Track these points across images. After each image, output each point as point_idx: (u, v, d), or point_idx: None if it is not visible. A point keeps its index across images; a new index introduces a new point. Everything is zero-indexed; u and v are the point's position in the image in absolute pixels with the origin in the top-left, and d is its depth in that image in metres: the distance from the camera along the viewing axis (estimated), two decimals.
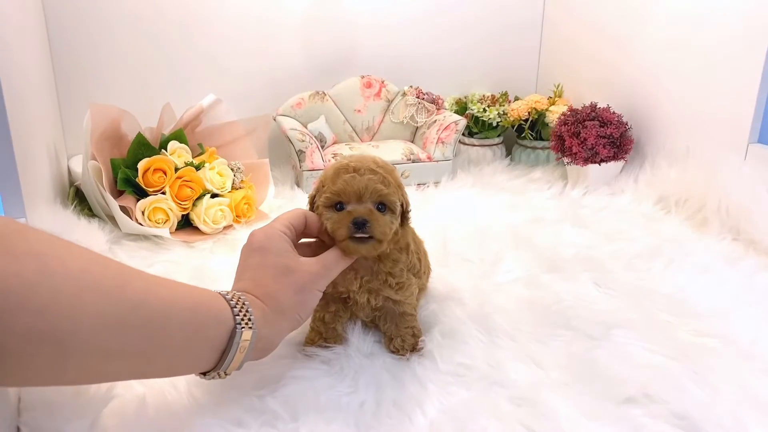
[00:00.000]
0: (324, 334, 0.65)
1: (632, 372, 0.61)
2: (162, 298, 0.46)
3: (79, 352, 0.40)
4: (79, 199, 1.05)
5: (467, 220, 1.04)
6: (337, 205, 0.58)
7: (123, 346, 0.42)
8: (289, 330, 0.56)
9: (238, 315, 0.51)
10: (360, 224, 0.56)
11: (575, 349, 0.65)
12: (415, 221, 0.70)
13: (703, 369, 0.61)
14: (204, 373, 0.51)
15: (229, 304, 0.51)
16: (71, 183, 1.11)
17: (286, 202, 1.16)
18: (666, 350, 0.64)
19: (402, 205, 0.60)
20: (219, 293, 0.52)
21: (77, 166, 1.11)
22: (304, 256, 0.58)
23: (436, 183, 1.27)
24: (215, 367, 0.51)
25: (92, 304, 0.40)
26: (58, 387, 0.53)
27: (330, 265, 0.58)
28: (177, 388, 0.57)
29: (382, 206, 0.58)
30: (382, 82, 1.38)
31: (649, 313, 0.74)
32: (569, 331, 0.69)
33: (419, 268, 0.67)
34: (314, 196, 0.62)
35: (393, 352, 0.65)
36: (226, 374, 0.52)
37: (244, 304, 0.52)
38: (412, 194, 1.17)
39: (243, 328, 0.50)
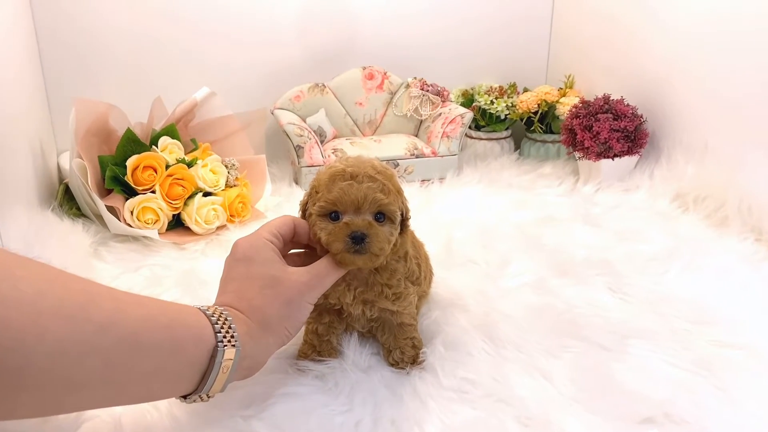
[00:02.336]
0: (317, 347, 0.61)
1: (650, 388, 0.57)
2: (133, 317, 0.42)
3: (35, 384, 0.36)
4: (68, 197, 1.02)
5: (473, 219, 1.01)
6: (332, 214, 0.54)
7: (87, 375, 0.39)
8: (277, 347, 0.53)
9: (220, 332, 0.47)
10: (358, 239, 0.52)
11: (588, 362, 0.62)
12: (418, 221, 0.66)
13: (726, 384, 0.58)
14: (185, 397, 0.48)
15: (210, 321, 0.47)
16: (61, 180, 1.08)
17: (283, 200, 1.13)
18: (686, 363, 0.61)
19: (402, 213, 0.56)
20: (199, 308, 0.48)
21: (67, 163, 1.08)
22: (293, 266, 0.54)
23: (441, 179, 1.24)
24: (196, 389, 0.47)
25: (50, 331, 0.36)
26: None
27: (321, 275, 0.54)
28: (157, 408, 0.53)
29: (381, 216, 0.55)
30: (385, 73, 1.35)
31: (667, 320, 0.70)
32: (581, 341, 0.65)
33: (419, 275, 0.63)
34: (306, 203, 0.58)
35: (392, 365, 0.62)
36: (208, 397, 0.49)
37: (226, 319, 0.48)
38: (416, 191, 1.15)
39: (225, 346, 0.47)
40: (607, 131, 1.11)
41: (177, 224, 0.97)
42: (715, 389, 0.57)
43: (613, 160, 1.14)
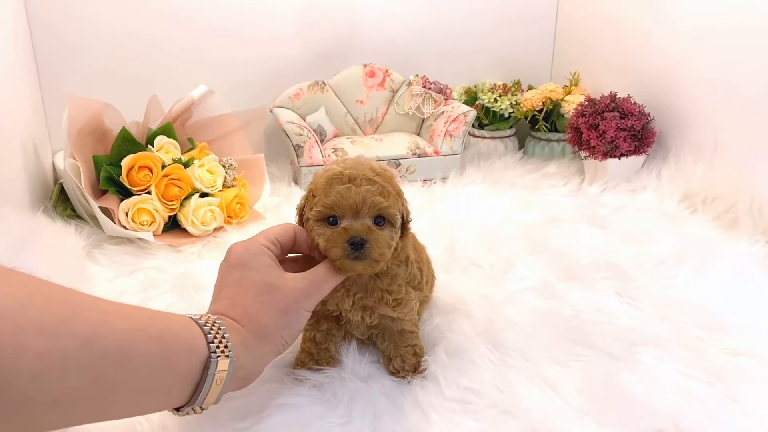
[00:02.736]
0: (315, 356, 0.60)
1: (660, 399, 0.56)
2: (119, 329, 0.40)
3: (13, 403, 0.34)
4: (63, 198, 1.00)
5: (476, 220, 1.00)
6: (330, 219, 0.53)
7: (71, 392, 0.37)
8: (273, 356, 0.51)
9: (213, 342, 0.45)
10: (358, 245, 0.50)
11: (596, 371, 0.60)
12: (420, 223, 0.65)
13: (739, 394, 0.57)
14: (177, 409, 0.46)
15: (203, 330, 0.46)
16: (56, 180, 1.06)
17: (282, 200, 1.12)
18: (697, 372, 0.59)
19: (402, 216, 0.54)
20: (191, 318, 0.46)
21: (62, 162, 1.06)
22: (291, 272, 0.52)
23: (444, 179, 1.23)
24: (189, 402, 0.46)
25: (31, 346, 0.34)
26: None
27: (319, 281, 0.52)
28: (149, 420, 0.52)
29: (381, 219, 0.53)
30: (386, 70, 1.33)
31: (677, 327, 0.68)
32: (589, 349, 0.64)
33: (420, 279, 0.61)
34: (303, 207, 0.56)
35: (392, 373, 0.60)
36: (202, 409, 0.47)
37: (219, 329, 0.46)
38: (418, 191, 1.14)
39: (219, 357, 0.45)
40: (614, 130, 1.09)
41: (173, 226, 0.95)
42: (728, 400, 0.55)
43: (619, 159, 1.12)
